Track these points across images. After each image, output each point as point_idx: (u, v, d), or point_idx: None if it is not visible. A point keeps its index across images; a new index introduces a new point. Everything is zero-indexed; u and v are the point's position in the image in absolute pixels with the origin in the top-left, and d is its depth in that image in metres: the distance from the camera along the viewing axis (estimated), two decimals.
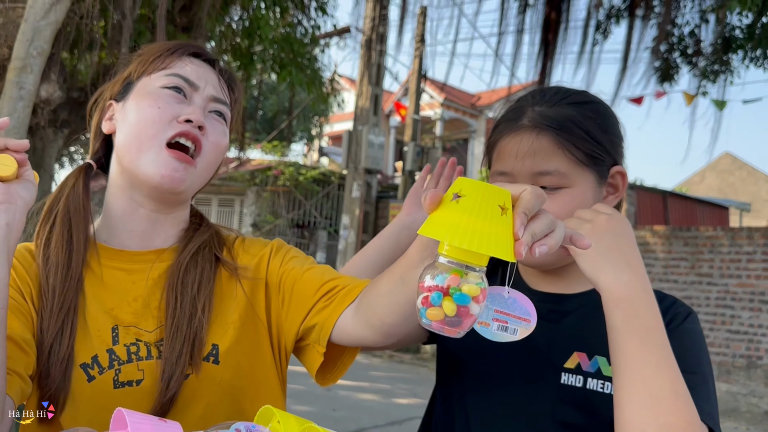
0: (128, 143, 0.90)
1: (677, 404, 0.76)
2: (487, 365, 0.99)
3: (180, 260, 0.94)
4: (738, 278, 7.10)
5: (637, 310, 0.79)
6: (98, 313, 0.90)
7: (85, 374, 0.85)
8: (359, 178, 10.27)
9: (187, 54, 0.97)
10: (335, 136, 23.96)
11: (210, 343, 0.91)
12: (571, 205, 0.92)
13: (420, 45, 10.38)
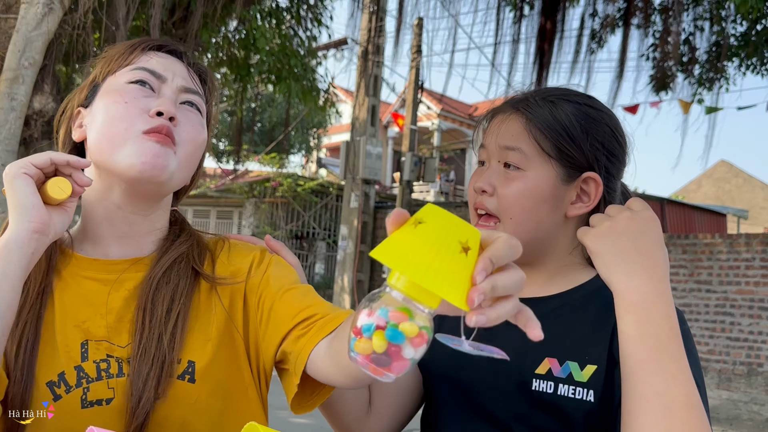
0: (99, 142, 0.86)
1: (691, 417, 0.73)
2: (459, 373, 0.96)
3: (152, 276, 0.89)
4: (737, 285, 7.07)
5: (651, 317, 0.77)
6: (67, 328, 0.85)
7: (51, 393, 0.81)
8: (357, 188, 10.26)
9: (150, 48, 0.93)
10: (333, 147, 23.98)
11: (186, 359, 0.86)
12: (523, 189, 0.92)
13: (416, 56, 10.41)
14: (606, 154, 0.96)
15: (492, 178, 0.95)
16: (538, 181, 0.93)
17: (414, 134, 10.82)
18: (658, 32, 7.10)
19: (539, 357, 0.90)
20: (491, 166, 0.97)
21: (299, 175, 14.57)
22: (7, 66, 2.93)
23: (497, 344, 0.92)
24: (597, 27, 7.43)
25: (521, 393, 0.90)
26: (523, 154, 0.93)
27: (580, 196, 0.96)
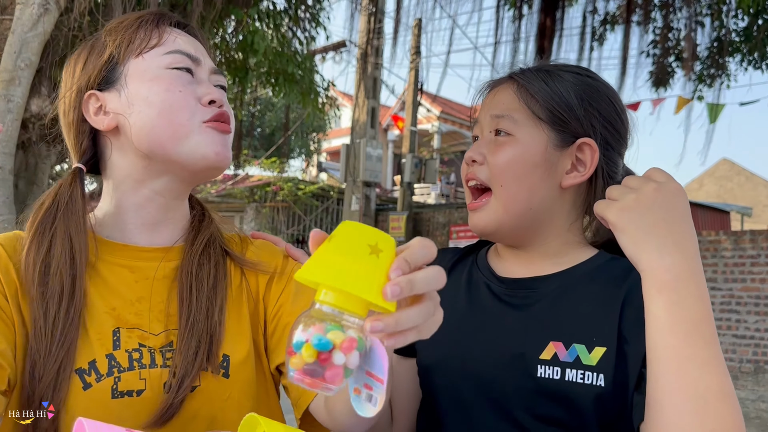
0: (155, 134, 0.82)
1: (726, 407, 0.68)
2: (458, 362, 0.92)
3: (192, 253, 0.86)
4: (743, 282, 7.02)
5: (684, 298, 0.71)
6: (99, 314, 0.81)
7: (80, 380, 0.77)
8: (358, 191, 10.23)
9: (165, 23, 0.88)
10: (333, 151, 23.97)
11: (221, 353, 0.83)
12: (513, 154, 0.89)
13: (415, 57, 10.39)
14: (603, 122, 0.92)
15: (482, 147, 0.92)
16: (528, 145, 0.89)
17: (414, 136, 10.79)
18: (658, 29, 7.07)
19: (543, 341, 0.85)
20: (483, 137, 0.94)
21: (300, 179, 14.55)
22: (3, 67, 2.90)
23: (493, 334, 0.88)
24: (597, 24, 7.41)
25: (525, 381, 0.85)
26: (513, 120, 0.90)
27: (576, 165, 0.91)
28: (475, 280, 0.97)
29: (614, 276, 0.87)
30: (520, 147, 0.89)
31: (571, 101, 0.90)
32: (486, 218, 0.91)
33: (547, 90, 0.90)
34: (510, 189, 0.89)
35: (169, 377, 0.80)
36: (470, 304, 0.95)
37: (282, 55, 4.86)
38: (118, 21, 0.88)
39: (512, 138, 0.90)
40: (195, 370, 0.80)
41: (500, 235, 0.93)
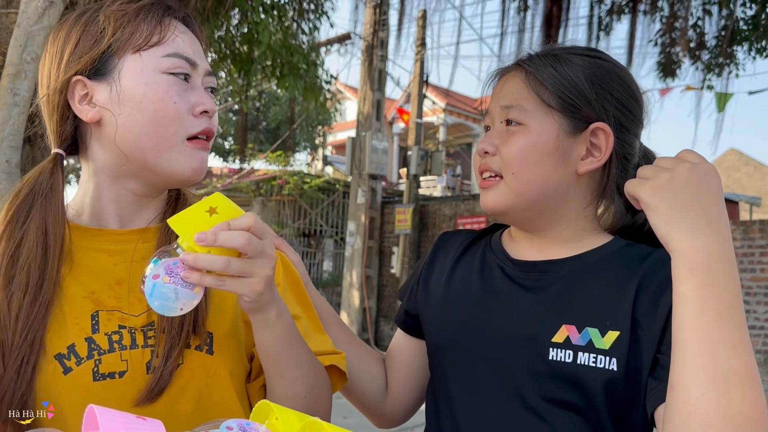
0: (139, 141, 0.81)
1: (752, 392, 0.67)
2: (467, 345, 0.92)
3: (169, 231, 0.85)
4: (752, 272, 6.98)
5: (715, 279, 0.70)
6: (76, 299, 0.81)
7: (60, 365, 0.77)
8: (364, 183, 10.21)
9: (169, 16, 0.85)
10: (338, 144, 23.96)
11: (206, 330, 0.83)
12: (524, 143, 0.88)
13: (420, 49, 10.33)
14: (616, 104, 0.90)
15: (494, 138, 0.91)
16: (540, 133, 0.88)
17: (420, 128, 10.76)
18: (665, 17, 7.01)
19: (556, 324, 0.84)
20: (494, 127, 0.93)
21: (305, 173, 14.53)
22: (9, 61, 2.89)
23: (506, 316, 0.88)
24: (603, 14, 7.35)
25: (537, 363, 0.84)
26: (523, 109, 0.89)
27: (590, 151, 0.90)
28: (489, 262, 0.97)
29: (629, 261, 0.86)
30: (532, 136, 0.88)
31: (581, 86, 0.88)
32: (496, 198, 0.91)
33: (557, 76, 0.89)
34: (521, 176, 0.88)
35: (152, 356, 0.80)
36: (483, 285, 0.95)
37: (287, 46, 4.84)
38: (120, 5, 0.84)
39: (523, 127, 0.89)
40: (180, 345, 0.80)
41: (512, 216, 0.93)
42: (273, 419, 0.66)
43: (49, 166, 0.84)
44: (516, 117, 0.89)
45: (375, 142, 9.94)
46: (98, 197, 0.87)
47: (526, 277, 0.91)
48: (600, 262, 0.89)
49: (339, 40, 10.20)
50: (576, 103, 0.88)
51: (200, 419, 0.78)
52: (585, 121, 0.89)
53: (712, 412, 0.67)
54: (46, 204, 0.81)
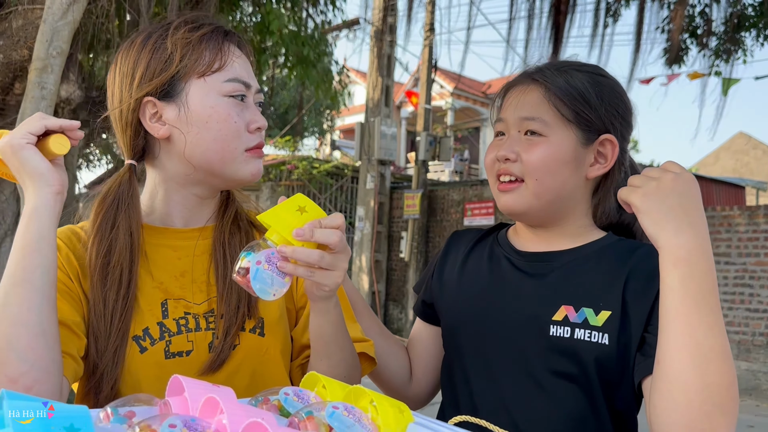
0: (208, 154, 0.94)
1: (724, 365, 0.80)
2: (479, 326, 1.04)
3: (223, 225, 0.99)
4: (756, 257, 7.05)
5: (695, 272, 0.82)
6: (148, 289, 0.94)
7: (137, 346, 0.90)
8: (373, 169, 10.31)
9: (227, 40, 0.96)
10: (346, 129, 23.98)
11: (258, 315, 0.96)
12: (546, 152, 0.99)
13: (429, 34, 10.36)
14: (619, 117, 1.03)
15: (514, 146, 1.02)
16: (560, 145, 1.00)
17: (428, 113, 10.82)
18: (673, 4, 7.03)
19: (556, 305, 0.98)
20: (511, 135, 1.04)
21: (314, 158, 14.63)
22: (36, 56, 3.01)
23: (512, 299, 1.01)
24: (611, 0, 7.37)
25: (540, 338, 0.97)
26: (543, 122, 1.00)
27: (597, 158, 1.03)
28: (497, 255, 1.10)
29: (621, 253, 0.98)
30: (553, 147, 1.00)
31: (593, 102, 1.01)
32: (516, 201, 1.02)
33: (573, 93, 1.01)
34: (543, 182, 1.00)
35: (213, 338, 0.93)
36: (491, 275, 1.08)
37: (298, 36, 4.92)
38: (184, 33, 0.94)
39: (545, 138, 1.00)
40: (236, 328, 0.93)
41: (528, 216, 1.05)
42: (320, 387, 0.79)
43: (126, 176, 0.96)
44: (537, 128, 1.00)
45: (384, 128, 10.02)
46: (167, 201, 1.00)
47: (530, 265, 1.04)
48: (596, 253, 1.02)
49: (348, 26, 10.22)
50: (590, 117, 1.01)
51: (255, 392, 0.90)
52: (596, 132, 1.02)
53: (691, 381, 0.79)
54: (128, 211, 0.93)
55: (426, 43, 10.40)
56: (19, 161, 0.82)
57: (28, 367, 0.76)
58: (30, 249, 0.80)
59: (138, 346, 0.90)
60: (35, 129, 0.83)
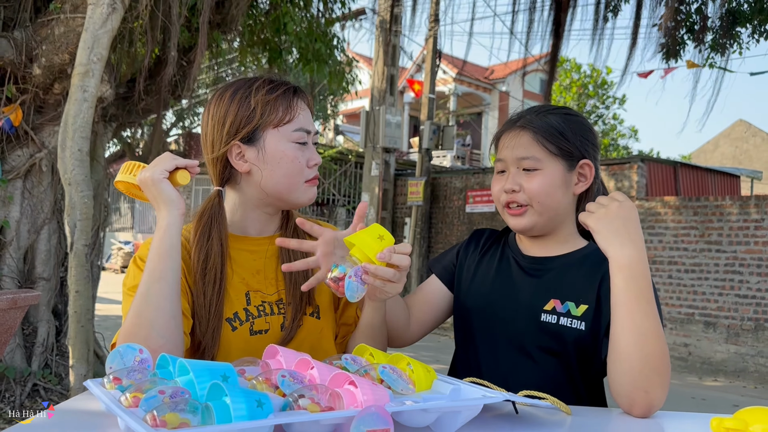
0: (277, 185, 1.21)
1: (658, 341, 1.10)
2: (488, 315, 1.36)
3: (286, 236, 1.29)
4: (746, 245, 7.36)
5: (635, 275, 1.12)
6: (235, 283, 1.23)
7: (229, 326, 1.20)
8: (377, 157, 10.58)
9: (296, 96, 1.23)
10: (350, 114, 24.16)
11: (314, 303, 1.27)
12: (543, 182, 1.30)
13: (434, 25, 10.58)
14: (590, 144, 1.35)
15: (517, 180, 1.32)
16: (552, 174, 1.31)
17: (432, 103, 11.06)
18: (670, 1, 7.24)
19: (547, 298, 1.30)
20: (511, 172, 1.33)
21: (318, 143, 14.88)
22: (79, 61, 3.27)
23: (515, 292, 1.32)
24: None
25: (533, 323, 1.29)
26: (536, 159, 1.30)
27: (579, 178, 1.33)
28: (506, 256, 1.42)
29: (597, 260, 1.30)
30: (547, 177, 1.30)
31: (569, 137, 1.32)
32: (526, 222, 1.32)
33: (554, 133, 1.31)
34: (543, 205, 1.30)
35: (284, 320, 1.24)
36: (499, 272, 1.40)
37: (311, 33, 5.17)
38: (264, 93, 1.21)
39: (539, 171, 1.30)
40: (300, 313, 1.24)
41: (533, 231, 1.35)
42: (368, 355, 1.09)
43: (216, 199, 1.25)
44: (532, 165, 1.30)
45: (389, 117, 10.28)
46: (245, 216, 1.29)
47: (531, 267, 1.36)
48: (580, 259, 1.33)
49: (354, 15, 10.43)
50: (569, 149, 1.32)
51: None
52: (576, 159, 1.33)
53: (633, 353, 1.10)
54: (219, 226, 1.23)
55: (430, 34, 10.61)
56: (157, 190, 1.11)
57: (164, 341, 1.05)
58: (165, 255, 1.09)
59: (230, 326, 1.20)
60: (169, 167, 1.12)
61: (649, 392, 1.09)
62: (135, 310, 1.08)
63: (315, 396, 0.83)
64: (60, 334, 4.34)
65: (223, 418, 0.73)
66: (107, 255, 17.59)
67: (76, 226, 3.30)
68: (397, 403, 0.87)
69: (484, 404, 0.95)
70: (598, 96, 19.11)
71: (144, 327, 1.06)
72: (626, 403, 1.11)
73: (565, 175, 1.31)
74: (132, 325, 1.06)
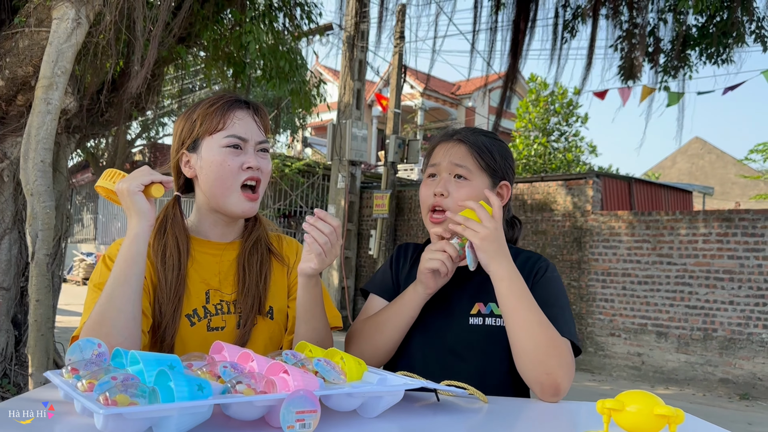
0: (213, 190, 1.33)
1: (542, 329, 1.27)
2: (422, 324, 1.47)
3: (245, 247, 1.40)
4: (695, 258, 7.67)
5: (513, 283, 1.31)
6: (196, 282, 1.35)
7: (188, 321, 1.31)
8: (344, 169, 10.70)
9: (233, 107, 1.34)
10: (318, 126, 24.25)
11: (268, 305, 1.39)
12: (471, 192, 1.44)
13: (399, 42, 10.79)
14: (510, 169, 1.51)
15: (447, 186, 1.45)
16: (479, 187, 1.45)
17: (398, 117, 11.25)
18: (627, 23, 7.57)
19: (472, 303, 1.44)
20: (443, 177, 1.46)
21: (286, 155, 14.94)
22: (43, 74, 3.33)
23: (443, 301, 1.48)
24: (569, 17, 7.89)
25: (463, 328, 1.43)
26: (468, 169, 1.44)
27: (498, 196, 1.46)
28: None
29: (517, 263, 1.44)
30: (475, 188, 1.44)
31: (496, 157, 1.47)
32: (445, 229, 1.44)
33: (485, 150, 1.46)
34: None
35: (239, 319, 1.35)
36: None
37: (276, 51, 5.27)
38: (205, 106, 1.35)
39: (468, 181, 1.44)
40: (253, 315, 1.35)
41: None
42: (307, 351, 1.21)
43: (173, 203, 1.39)
44: (464, 174, 1.44)
45: (355, 130, 10.43)
46: (203, 220, 1.41)
47: (455, 277, 1.47)
48: None
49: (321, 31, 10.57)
50: (495, 168, 1.47)
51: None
52: (498, 178, 1.48)
53: (524, 342, 1.27)
54: (173, 224, 1.36)
55: (396, 50, 10.82)
56: (131, 201, 1.21)
57: (123, 339, 1.16)
58: (131, 261, 1.19)
59: (189, 321, 1.31)
60: (145, 181, 1.22)
61: (551, 374, 1.25)
62: (99, 310, 1.18)
63: (251, 383, 0.95)
64: (19, 344, 4.34)
65: (167, 400, 0.84)
66: (69, 266, 17.30)
67: (38, 236, 3.35)
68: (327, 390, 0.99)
69: (412, 395, 1.07)
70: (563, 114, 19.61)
71: (105, 326, 1.16)
72: (537, 388, 1.27)
73: (489, 191, 1.44)
74: (95, 323, 1.17)
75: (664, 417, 0.94)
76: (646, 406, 0.95)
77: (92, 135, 4.76)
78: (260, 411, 0.92)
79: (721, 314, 7.45)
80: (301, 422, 0.89)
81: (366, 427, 0.99)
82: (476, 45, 8.76)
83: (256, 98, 19.09)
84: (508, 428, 1.10)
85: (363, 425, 1.00)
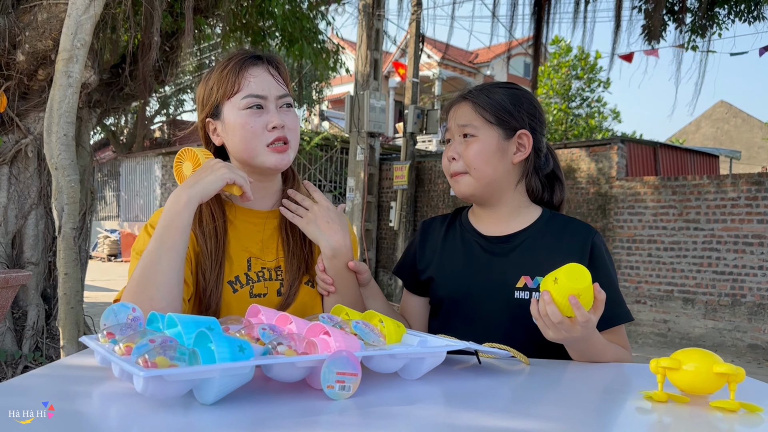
0: (240, 152, 1.30)
1: (615, 359, 1.28)
2: (463, 299, 1.42)
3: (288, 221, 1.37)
4: (723, 222, 7.53)
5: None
6: (237, 250, 1.33)
7: (231, 288, 1.29)
8: (363, 141, 10.63)
9: (246, 66, 1.29)
10: (335, 99, 24.13)
11: (311, 273, 1.37)
12: (478, 148, 1.38)
13: (417, 9, 10.60)
14: (529, 116, 1.41)
15: (457, 148, 1.40)
16: (487, 140, 1.38)
17: (416, 87, 11.11)
18: None
19: (517, 276, 1.37)
20: (455, 140, 1.42)
21: (304, 129, 14.88)
22: (62, 47, 3.31)
23: (486, 274, 1.42)
24: None
25: (507, 302, 1.36)
26: (473, 126, 1.38)
27: (519, 148, 1.40)
28: (468, 240, 1.47)
29: (557, 230, 1.39)
30: (483, 143, 1.38)
31: (509, 108, 1.39)
32: (465, 187, 1.40)
33: (492, 103, 1.39)
34: (479, 171, 1.38)
35: (281, 286, 1.33)
36: (466, 257, 1.45)
37: (295, 14, 5.19)
38: (219, 68, 1.32)
39: (476, 138, 1.38)
40: (299, 279, 1.34)
41: (475, 198, 1.43)
42: (343, 314, 1.19)
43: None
44: (470, 132, 1.38)
45: (373, 101, 10.32)
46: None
47: (495, 247, 1.42)
48: (540, 232, 1.41)
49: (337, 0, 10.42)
50: (507, 119, 1.39)
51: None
52: (513, 129, 1.39)
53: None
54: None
55: (413, 18, 10.64)
56: (209, 180, 1.20)
57: (166, 304, 1.13)
58: (180, 229, 1.17)
59: (231, 288, 1.29)
60: (240, 181, 1.22)
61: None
62: (143, 273, 1.15)
63: (292, 344, 0.92)
64: (49, 317, 4.41)
65: (208, 361, 0.82)
66: (93, 243, 17.55)
67: (64, 209, 3.36)
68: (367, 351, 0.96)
69: (452, 357, 1.04)
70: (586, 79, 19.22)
71: (150, 288, 1.14)
72: None
73: (501, 143, 1.38)
74: (138, 285, 1.14)
75: (723, 375, 0.90)
76: (704, 365, 0.91)
77: (113, 110, 4.75)
78: (302, 372, 0.90)
79: (750, 279, 7.33)
80: (342, 384, 0.86)
81: (408, 390, 0.96)
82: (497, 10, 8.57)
83: None
84: (554, 390, 1.07)
85: (405, 387, 0.97)
